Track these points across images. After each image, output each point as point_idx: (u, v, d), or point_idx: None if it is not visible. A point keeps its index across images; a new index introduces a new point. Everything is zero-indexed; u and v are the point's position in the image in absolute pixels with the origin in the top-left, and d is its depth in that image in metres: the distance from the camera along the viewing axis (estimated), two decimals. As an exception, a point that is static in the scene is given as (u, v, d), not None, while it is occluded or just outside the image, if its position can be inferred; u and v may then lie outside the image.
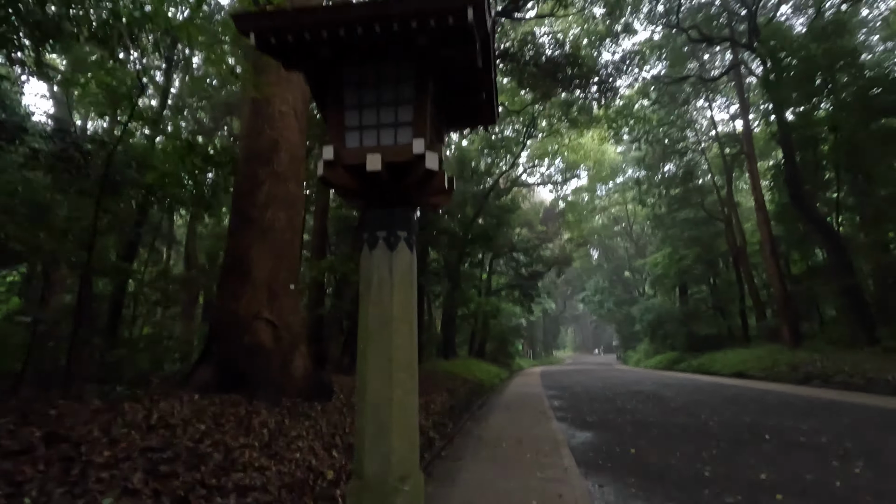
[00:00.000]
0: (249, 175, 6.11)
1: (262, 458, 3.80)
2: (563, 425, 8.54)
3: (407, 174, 2.27)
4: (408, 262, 2.32)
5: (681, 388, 14.45)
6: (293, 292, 6.18)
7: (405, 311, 2.27)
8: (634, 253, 47.42)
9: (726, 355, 22.68)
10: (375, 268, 2.31)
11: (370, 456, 2.13)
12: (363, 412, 2.20)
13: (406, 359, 2.23)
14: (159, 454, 3.36)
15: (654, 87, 25.52)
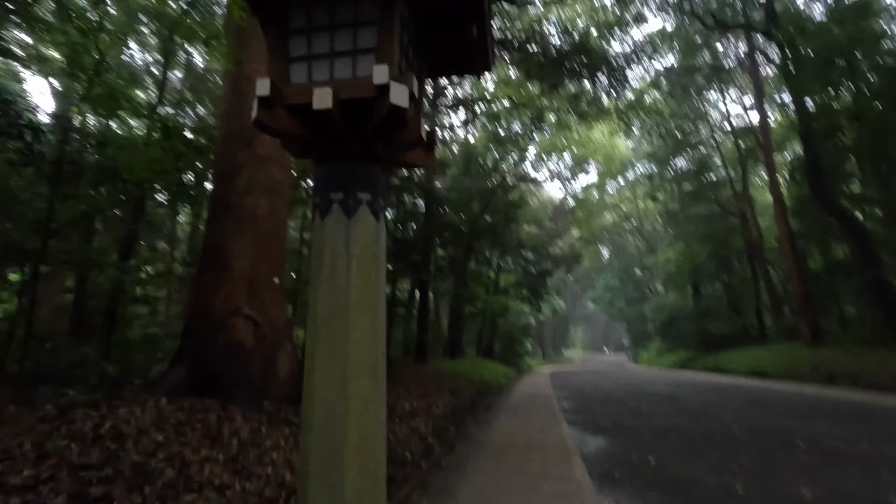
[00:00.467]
0: (228, 158, 5.62)
1: (225, 474, 3.28)
2: (574, 430, 7.96)
3: (369, 117, 1.73)
4: (371, 233, 1.78)
5: (697, 389, 13.78)
6: (277, 287, 5.67)
7: (367, 297, 1.72)
8: (645, 250, 46.52)
9: (742, 354, 21.93)
10: (328, 241, 1.77)
11: (315, 491, 1.59)
12: (308, 430, 1.66)
13: (368, 359, 1.68)
14: (96, 472, 2.85)
15: (665, 78, 24.77)
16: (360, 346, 1.67)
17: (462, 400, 10.62)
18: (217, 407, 4.56)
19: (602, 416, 9.24)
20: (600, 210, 43.53)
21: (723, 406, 9.95)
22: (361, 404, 1.63)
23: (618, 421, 8.63)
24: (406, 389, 9.06)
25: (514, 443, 6.97)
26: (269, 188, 5.66)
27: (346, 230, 1.74)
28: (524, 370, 31.15)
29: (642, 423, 8.21)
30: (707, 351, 27.41)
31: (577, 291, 67.25)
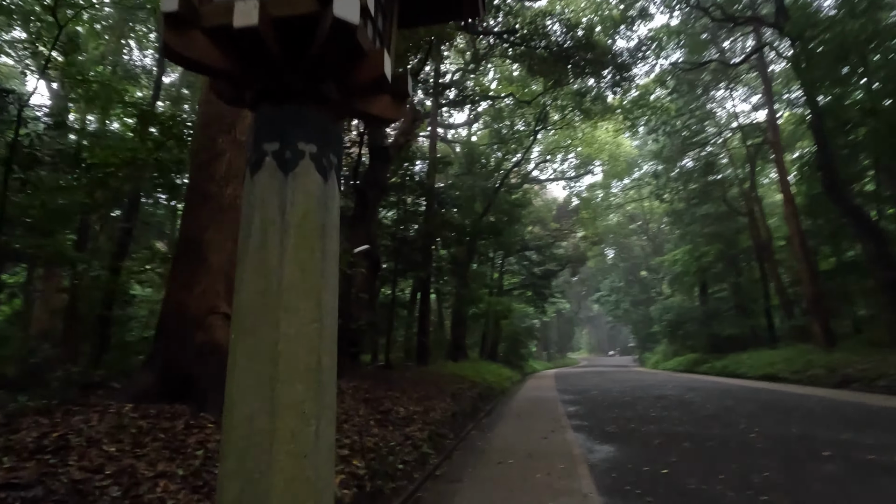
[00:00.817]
0: (207, 143, 5.23)
1: (181, 493, 2.87)
2: (580, 436, 7.51)
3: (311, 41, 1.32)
4: (316, 195, 1.36)
5: (708, 393, 13.28)
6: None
7: (308, 278, 1.30)
8: (651, 251, 45.94)
9: (752, 357, 21.36)
10: (258, 204, 1.36)
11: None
12: (225, 453, 1.25)
13: (306, 360, 1.26)
14: (22, 492, 2.44)
15: (672, 74, 24.29)
16: (295, 342, 1.25)
17: (463, 404, 10.18)
18: (187, 414, 4.16)
19: (609, 422, 8.78)
20: (605, 210, 42.96)
21: (737, 411, 9.46)
22: (296, 421, 1.21)
23: (626, 427, 8.17)
24: (403, 393, 8.63)
25: (516, 450, 6.53)
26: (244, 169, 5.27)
27: (282, 190, 1.33)
28: (529, 373, 30.66)
29: (653, 430, 7.75)
30: (715, 353, 26.81)
31: (581, 293, 66.63)
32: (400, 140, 11.21)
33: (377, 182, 10.48)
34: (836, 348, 17.65)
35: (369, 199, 10.22)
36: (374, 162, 10.66)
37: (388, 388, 8.60)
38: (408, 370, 13.85)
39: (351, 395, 6.53)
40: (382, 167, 10.67)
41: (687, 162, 29.80)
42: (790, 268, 25.44)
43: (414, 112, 12.01)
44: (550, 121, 25.02)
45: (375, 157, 10.64)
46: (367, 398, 6.75)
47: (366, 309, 9.66)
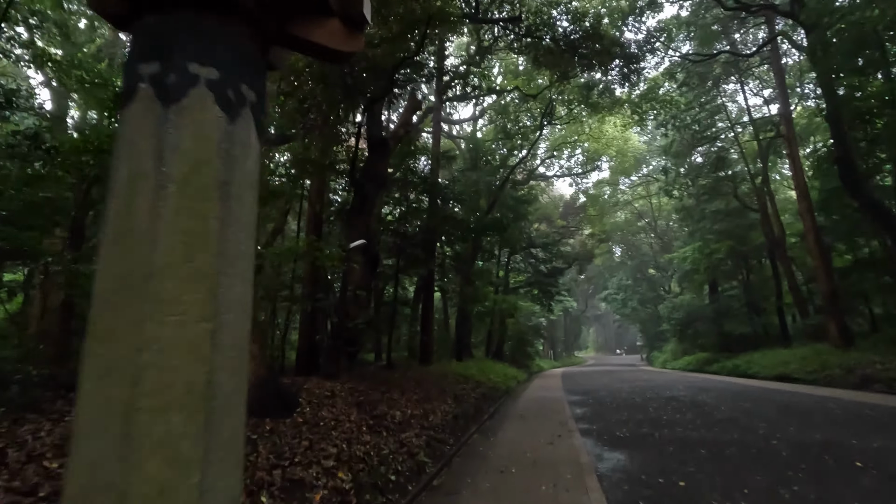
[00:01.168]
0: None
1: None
2: (588, 441, 7.08)
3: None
4: (213, 137, 0.95)
5: (721, 394, 12.78)
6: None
7: (195, 258, 0.90)
8: (660, 249, 45.25)
9: (765, 356, 20.79)
10: (124, 150, 0.95)
11: None
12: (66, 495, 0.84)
13: (188, 379, 0.85)
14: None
15: (681, 67, 23.72)
16: (170, 351, 0.84)
17: (466, 406, 9.78)
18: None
19: (619, 425, 8.34)
20: (612, 207, 42.38)
21: (755, 414, 8.98)
22: (166, 472, 0.80)
23: (638, 431, 7.73)
24: (402, 395, 8.24)
25: (520, 458, 6.12)
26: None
27: (160, 130, 0.92)
28: (535, 372, 30.22)
29: (666, 435, 7.30)
30: (726, 353, 26.26)
31: (588, 291, 66.02)
32: (399, 131, 10.80)
33: (376, 175, 10.08)
34: (852, 348, 17.06)
35: (368, 192, 9.83)
36: (373, 154, 10.26)
37: (387, 389, 8.21)
38: (410, 370, 13.47)
39: (343, 399, 6.15)
40: (381, 159, 10.27)
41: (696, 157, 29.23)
42: (803, 265, 24.83)
43: (414, 101, 11.59)
44: (557, 115, 24.53)
45: (374, 148, 10.24)
46: (360, 401, 6.36)
47: (364, 307, 9.27)
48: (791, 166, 21.47)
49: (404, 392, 8.64)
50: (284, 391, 5.33)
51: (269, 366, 5.08)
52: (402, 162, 14.03)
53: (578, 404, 11.91)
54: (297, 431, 4.55)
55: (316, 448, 4.32)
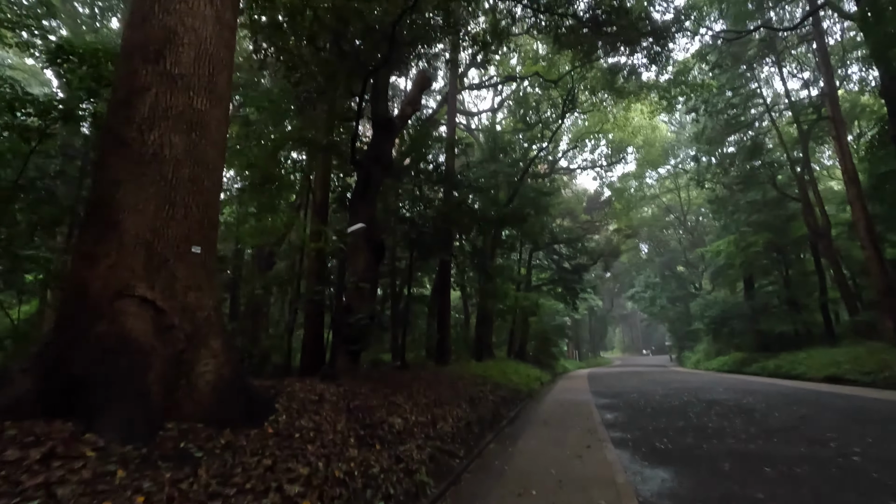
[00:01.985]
0: (127, 77, 4.02)
1: None
2: (623, 455, 6.01)
3: None
4: None
5: (769, 398, 11.47)
6: (199, 258, 4.01)
7: None
8: (689, 245, 43.31)
9: (811, 356, 19.17)
10: None
11: None
12: None
13: None
14: None
15: (714, 48, 22.23)
16: None
17: (482, 410, 8.78)
18: (64, 434, 2.93)
19: (658, 435, 7.22)
20: (639, 202, 40.70)
21: (816, 422, 7.75)
22: None
23: (681, 442, 6.61)
24: (409, 399, 7.30)
25: (542, 474, 5.11)
26: (188, 121, 4.03)
27: None
28: (559, 373, 28.97)
29: (716, 447, 6.17)
30: (764, 352, 24.57)
31: (614, 289, 64.09)
32: (407, 110, 9.89)
33: (381, 157, 9.18)
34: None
35: (372, 176, 8.93)
36: (378, 134, 9.37)
37: (392, 392, 7.28)
38: (424, 371, 12.55)
39: (332, 404, 5.23)
40: (387, 140, 9.37)
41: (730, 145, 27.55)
42: (850, 258, 23.02)
43: (423, 78, 10.66)
44: (580, 103, 23.30)
45: (379, 128, 9.35)
46: (353, 407, 5.43)
47: (367, 301, 8.38)
48: (837, 150, 19.79)
49: (412, 395, 7.69)
50: (255, 395, 4.43)
51: (235, 365, 4.18)
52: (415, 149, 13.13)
53: (608, 408, 10.78)
54: (261, 446, 3.64)
55: (280, 468, 3.41)
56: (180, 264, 3.88)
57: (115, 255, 3.63)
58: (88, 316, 3.49)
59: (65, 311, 3.66)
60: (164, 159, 3.90)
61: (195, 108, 4.14)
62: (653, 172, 40.32)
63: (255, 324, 16.90)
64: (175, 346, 3.77)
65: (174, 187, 3.91)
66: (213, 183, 4.28)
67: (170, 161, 3.92)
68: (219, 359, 4.02)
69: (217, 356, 4.02)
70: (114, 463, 2.79)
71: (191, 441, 3.42)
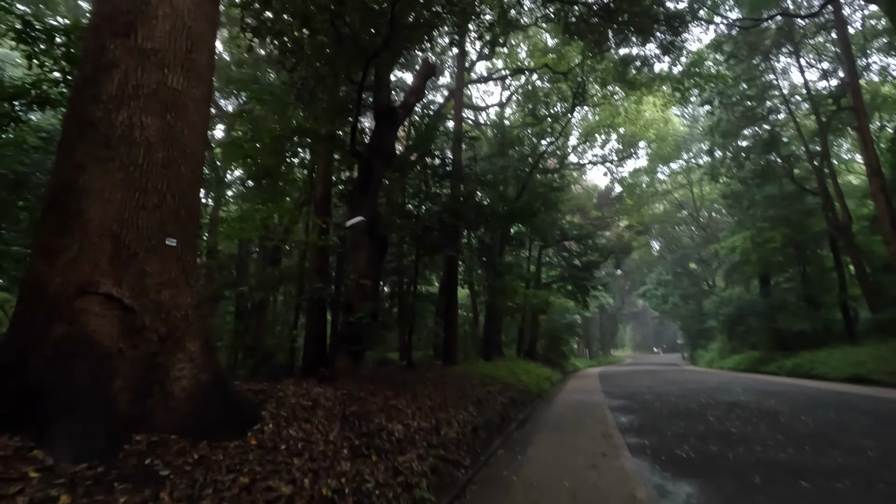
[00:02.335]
0: (94, 53, 3.66)
1: None
2: (642, 464, 5.56)
3: None
4: None
5: (793, 400, 10.94)
6: (176, 252, 3.63)
7: None
8: (702, 242, 42.45)
9: (832, 355, 18.50)
10: None
11: None
12: None
13: None
14: None
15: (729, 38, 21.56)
16: None
17: (490, 413, 8.37)
18: (7, 452, 2.56)
19: (678, 441, 6.76)
20: (651, 198, 39.96)
21: (849, 427, 7.24)
22: None
23: (704, 449, 6.15)
24: (412, 402, 6.90)
25: (554, 488, 4.69)
26: (162, 101, 3.66)
27: None
28: (570, 371, 28.47)
29: (743, 456, 5.71)
30: (781, 351, 23.86)
31: (625, 287, 63.25)
32: (410, 100, 9.48)
33: (383, 149, 8.78)
34: (941, 345, 14.80)
35: (374, 168, 8.53)
36: (380, 126, 8.96)
37: (394, 395, 6.88)
38: (430, 371, 12.16)
39: (327, 409, 4.84)
40: (389, 131, 8.96)
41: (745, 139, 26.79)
42: (872, 253, 22.23)
43: (427, 66, 10.23)
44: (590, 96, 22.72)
45: (381, 119, 8.94)
46: (350, 413, 5.04)
47: (369, 298, 7.99)
48: (860, 141, 19.07)
49: (416, 398, 7.30)
50: (239, 402, 4.05)
51: (216, 369, 3.80)
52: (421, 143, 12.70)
53: (622, 410, 10.31)
54: (240, 461, 3.25)
55: (259, 487, 3.02)
56: (152, 258, 3.50)
57: (77, 247, 3.26)
58: (46, 316, 3.12)
59: (21, 311, 3.30)
60: (135, 142, 3.52)
61: (170, 86, 3.76)
62: (665, 168, 39.59)
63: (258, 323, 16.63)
64: (146, 348, 3.40)
65: (146, 173, 3.53)
66: (192, 169, 3.90)
67: (141, 144, 3.54)
68: (197, 363, 3.64)
69: (195, 360, 3.64)
70: (59, 486, 2.42)
71: (159, 456, 3.04)
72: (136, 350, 3.35)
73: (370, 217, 8.26)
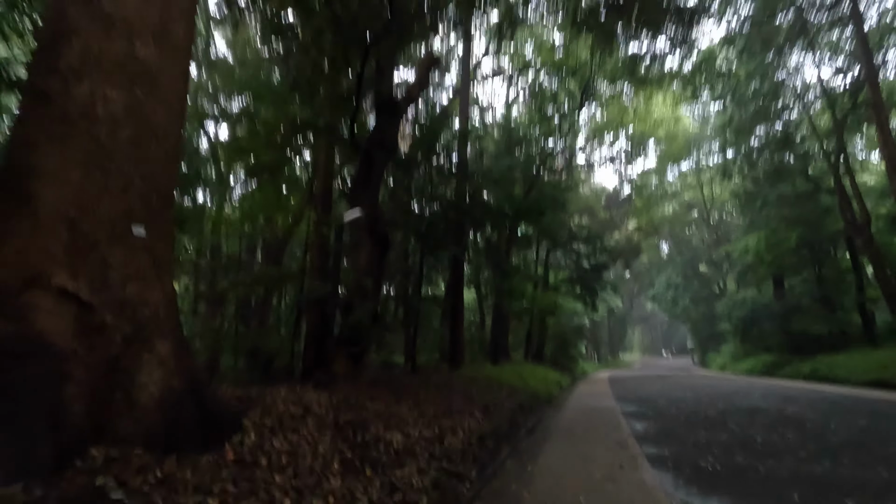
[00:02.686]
0: (54, 18, 3.29)
1: None
2: (664, 478, 5.09)
3: None
4: None
5: (816, 405, 10.39)
6: (145, 243, 3.25)
7: None
8: (712, 243, 41.72)
9: (852, 359, 17.88)
10: None
11: None
12: None
13: None
14: None
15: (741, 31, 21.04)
16: None
17: (498, 420, 7.92)
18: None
19: (700, 451, 6.27)
20: (660, 198, 39.33)
21: (887, 437, 6.72)
22: None
23: (730, 461, 5.65)
24: (415, 407, 6.48)
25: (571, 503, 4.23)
26: (130, 73, 3.28)
27: None
28: (579, 376, 27.89)
29: (775, 469, 5.22)
30: (797, 355, 23.18)
31: (634, 290, 62.46)
32: (413, 91, 9.11)
33: (385, 142, 8.40)
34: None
35: (375, 162, 8.15)
36: (382, 118, 8.59)
37: (395, 400, 6.47)
38: (435, 375, 11.74)
39: (317, 418, 4.42)
40: (391, 124, 8.58)
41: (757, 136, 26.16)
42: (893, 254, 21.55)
43: (430, 57, 9.85)
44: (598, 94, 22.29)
45: (382, 110, 8.57)
46: (345, 421, 4.62)
47: (369, 298, 7.58)
48: (879, 138, 18.46)
49: (419, 403, 6.87)
50: (216, 410, 3.64)
51: (191, 373, 3.39)
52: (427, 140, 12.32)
53: (636, 417, 9.81)
54: (212, 478, 2.84)
55: (230, 511, 2.60)
56: (116, 248, 3.11)
57: (28, 234, 2.87)
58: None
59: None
60: (97, 118, 3.13)
61: (139, 58, 3.38)
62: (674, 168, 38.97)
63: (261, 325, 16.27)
64: (106, 350, 3.00)
65: (109, 153, 3.14)
66: (165, 151, 3.51)
67: (104, 120, 3.15)
68: (167, 366, 3.24)
69: (165, 363, 3.24)
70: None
71: (115, 473, 2.63)
72: (94, 352, 2.95)
73: (371, 213, 7.87)
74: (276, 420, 4.01)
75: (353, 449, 4.03)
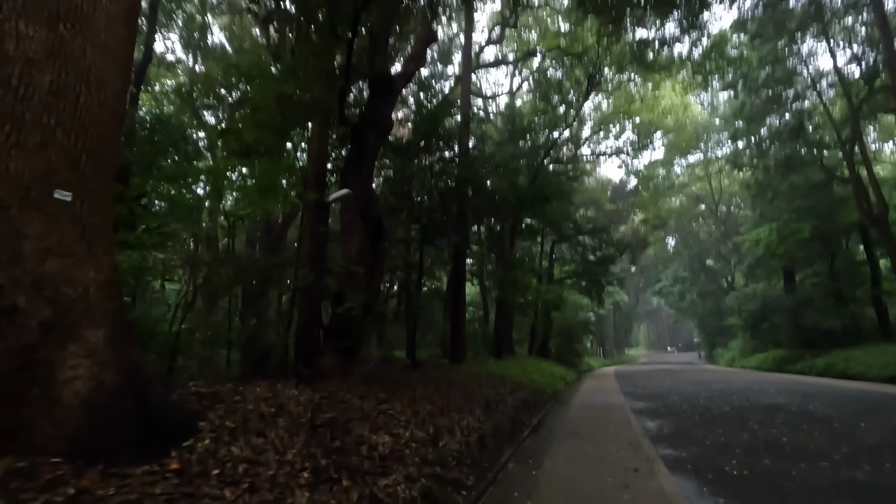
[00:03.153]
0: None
1: None
2: (685, 484, 4.53)
3: None
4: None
5: (837, 402, 9.79)
6: (73, 211, 2.71)
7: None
8: (720, 237, 40.91)
9: (870, 353, 17.21)
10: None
11: None
12: None
13: None
14: None
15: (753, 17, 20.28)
16: None
17: (500, 418, 7.38)
18: None
19: (721, 453, 5.69)
20: (667, 191, 38.52)
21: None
22: None
23: (757, 465, 5.08)
24: (410, 405, 5.94)
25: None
26: (52, 8, 2.74)
27: None
28: (584, 371, 27.34)
29: (809, 474, 4.65)
30: (810, 349, 22.50)
31: (639, 285, 61.69)
32: (409, 67, 8.54)
33: (379, 120, 7.84)
34: None
35: (368, 141, 7.60)
36: (376, 95, 8.03)
37: (388, 398, 5.92)
38: (436, 370, 11.19)
39: (291, 417, 3.87)
40: (386, 101, 8.02)
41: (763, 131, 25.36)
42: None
43: (428, 32, 9.26)
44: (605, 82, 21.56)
45: (377, 88, 8.00)
46: (323, 421, 4.07)
47: (362, 287, 7.04)
48: (898, 123, 17.68)
49: (414, 401, 6.33)
50: (165, 411, 3.10)
51: (129, 366, 2.84)
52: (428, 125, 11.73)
53: (647, 414, 9.24)
54: (142, 495, 2.30)
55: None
56: (31, 215, 2.57)
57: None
58: None
59: None
60: (6, 56, 2.58)
61: (68, -10, 2.82)
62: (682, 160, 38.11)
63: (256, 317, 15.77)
64: (19, 338, 2.46)
65: (24, 100, 2.60)
66: (101, 103, 2.95)
67: (16, 59, 2.60)
68: (99, 358, 2.70)
69: (96, 354, 2.70)
70: None
71: (16, 489, 2.10)
72: (2, 340, 2.41)
73: (363, 196, 7.31)
74: (239, 421, 3.47)
75: (328, 454, 3.48)
